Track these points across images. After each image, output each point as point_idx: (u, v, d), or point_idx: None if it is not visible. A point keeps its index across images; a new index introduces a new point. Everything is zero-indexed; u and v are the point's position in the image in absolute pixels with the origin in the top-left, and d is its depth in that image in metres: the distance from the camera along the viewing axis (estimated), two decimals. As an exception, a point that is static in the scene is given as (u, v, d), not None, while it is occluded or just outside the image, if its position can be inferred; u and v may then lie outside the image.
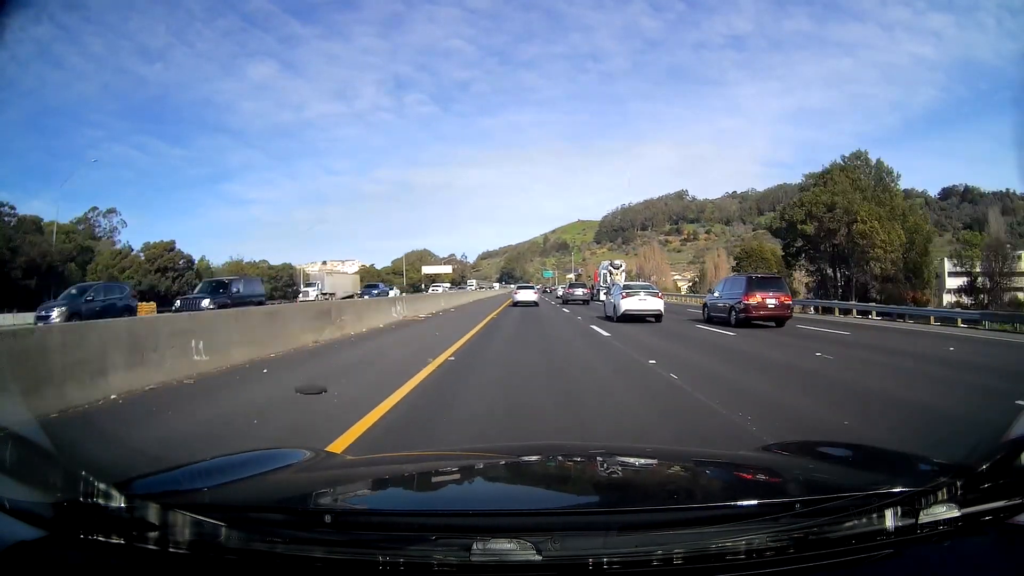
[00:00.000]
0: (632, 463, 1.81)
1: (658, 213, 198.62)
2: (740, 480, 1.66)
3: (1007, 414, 5.22)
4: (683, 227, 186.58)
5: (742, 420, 5.01)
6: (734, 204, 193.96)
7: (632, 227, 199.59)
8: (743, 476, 1.68)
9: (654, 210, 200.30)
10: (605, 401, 6.10)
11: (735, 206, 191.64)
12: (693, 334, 14.71)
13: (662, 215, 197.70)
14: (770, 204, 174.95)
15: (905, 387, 7.07)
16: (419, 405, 5.72)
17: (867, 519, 1.06)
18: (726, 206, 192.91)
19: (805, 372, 8.29)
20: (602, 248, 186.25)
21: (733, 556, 1.01)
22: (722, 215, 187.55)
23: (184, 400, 5.98)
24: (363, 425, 4.78)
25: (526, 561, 0.96)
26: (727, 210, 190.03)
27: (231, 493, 1.38)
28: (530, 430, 4.86)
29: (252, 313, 11.30)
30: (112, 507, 1.05)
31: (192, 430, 4.75)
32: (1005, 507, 1.10)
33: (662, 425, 5.08)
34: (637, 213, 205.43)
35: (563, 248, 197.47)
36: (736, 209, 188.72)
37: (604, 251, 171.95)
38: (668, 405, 5.86)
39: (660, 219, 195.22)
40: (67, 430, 4.71)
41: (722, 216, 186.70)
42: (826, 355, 10.02)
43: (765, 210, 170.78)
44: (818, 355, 10.03)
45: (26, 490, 1.11)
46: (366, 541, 1.05)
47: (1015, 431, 1.29)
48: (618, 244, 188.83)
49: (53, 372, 5.35)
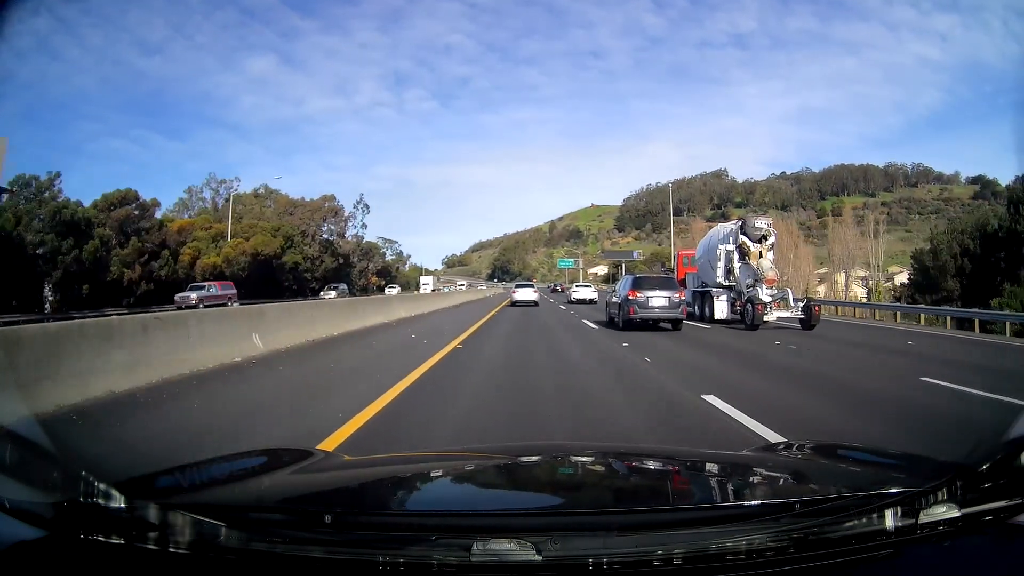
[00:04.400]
0: (632, 463, 1.81)
1: (695, 194, 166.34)
2: (740, 480, 1.66)
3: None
4: (730, 212, 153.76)
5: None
6: (784, 184, 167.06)
7: (663, 211, 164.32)
8: (743, 476, 1.68)
9: (690, 190, 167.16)
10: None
11: (790, 188, 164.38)
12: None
13: (701, 196, 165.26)
14: (833, 186, 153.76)
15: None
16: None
17: (867, 519, 1.06)
18: (779, 187, 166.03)
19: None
20: (625, 237, 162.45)
21: (733, 556, 1.01)
22: (775, 198, 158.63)
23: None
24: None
25: (526, 561, 0.96)
26: (782, 192, 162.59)
27: (231, 493, 1.38)
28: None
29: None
30: (112, 507, 1.05)
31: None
32: (1005, 507, 1.10)
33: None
34: (667, 194, 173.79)
35: (575, 236, 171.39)
36: (793, 192, 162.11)
37: (629, 240, 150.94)
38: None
39: (699, 201, 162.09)
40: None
41: (775, 200, 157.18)
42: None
43: (827, 193, 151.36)
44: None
45: (26, 490, 1.11)
46: (366, 541, 1.05)
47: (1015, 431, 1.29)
48: (647, 232, 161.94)
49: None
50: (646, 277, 16.28)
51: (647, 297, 14.03)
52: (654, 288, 14.33)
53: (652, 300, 14.03)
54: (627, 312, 14.16)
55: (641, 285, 14.43)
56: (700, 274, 19.65)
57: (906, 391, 7.00)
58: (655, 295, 14.08)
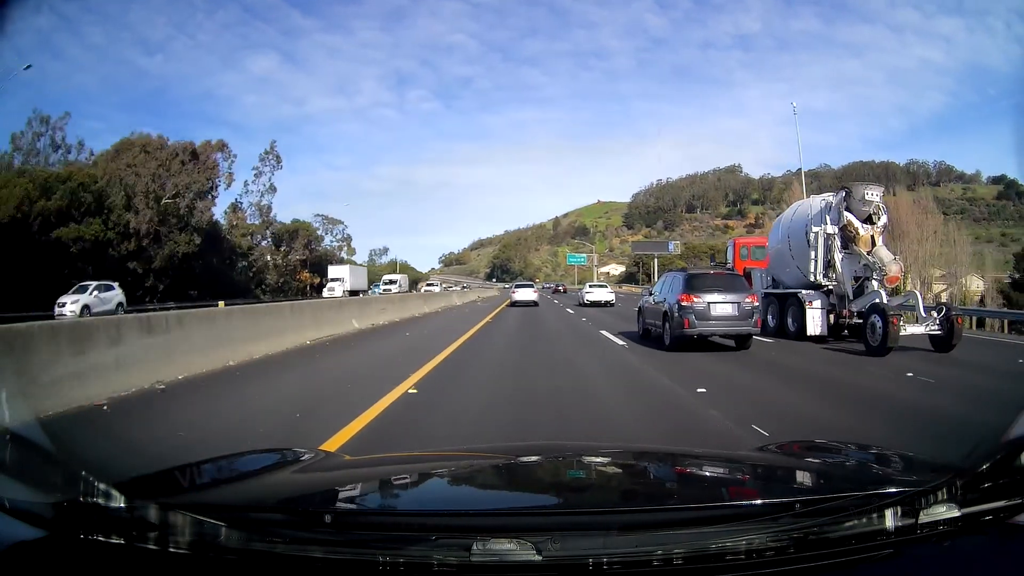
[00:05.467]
0: (632, 463, 1.81)
1: (709, 190, 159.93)
2: (740, 480, 1.66)
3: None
4: (747, 209, 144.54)
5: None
6: (801, 181, 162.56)
7: (675, 207, 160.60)
8: (743, 476, 1.68)
9: (703, 186, 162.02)
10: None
11: (810, 185, 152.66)
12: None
13: (715, 192, 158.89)
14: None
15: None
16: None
17: (867, 519, 1.06)
18: (798, 184, 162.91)
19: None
20: (635, 235, 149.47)
21: (733, 556, 1.01)
22: (795, 196, 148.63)
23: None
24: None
25: (526, 561, 0.96)
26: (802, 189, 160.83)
27: (231, 493, 1.38)
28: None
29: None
30: (112, 507, 1.05)
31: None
32: (1005, 507, 1.10)
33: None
34: (680, 190, 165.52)
35: (581, 233, 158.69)
36: (814, 189, 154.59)
37: (639, 238, 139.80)
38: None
39: (713, 198, 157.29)
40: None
41: (795, 198, 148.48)
42: None
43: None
44: None
45: (26, 490, 1.11)
46: (366, 541, 1.05)
47: (1015, 431, 1.29)
48: (658, 229, 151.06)
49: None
50: (704, 274, 11.28)
51: (708, 304, 10.04)
52: (717, 290, 10.24)
53: (716, 308, 10.06)
54: (679, 324, 10.11)
55: (698, 286, 10.31)
56: (774, 269, 14.16)
57: None
58: (719, 300, 10.06)
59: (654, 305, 11.54)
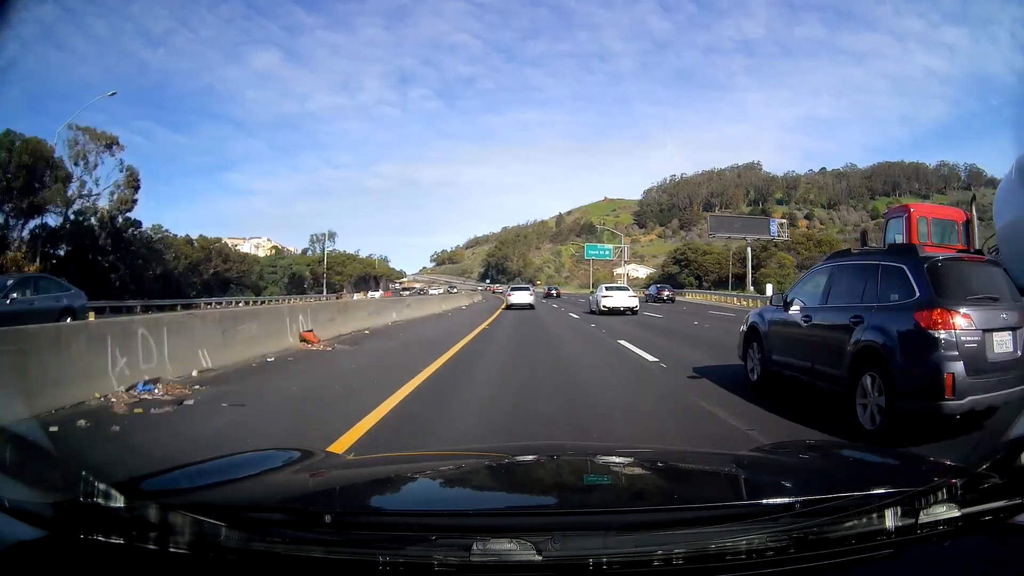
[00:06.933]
0: (632, 463, 1.80)
1: (728, 187, 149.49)
2: (740, 480, 1.66)
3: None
4: (771, 208, 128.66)
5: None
6: (830, 180, 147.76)
7: (691, 205, 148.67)
8: (743, 476, 1.68)
9: (721, 183, 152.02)
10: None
11: (837, 185, 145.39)
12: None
13: (736, 190, 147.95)
14: (883, 186, 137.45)
15: None
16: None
17: (867, 519, 1.06)
18: (824, 183, 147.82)
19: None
20: (648, 234, 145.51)
21: (733, 556, 1.01)
22: (821, 195, 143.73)
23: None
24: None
25: (526, 561, 0.96)
26: (828, 189, 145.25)
27: (231, 493, 1.38)
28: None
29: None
30: (112, 507, 1.05)
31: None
32: (1005, 507, 1.10)
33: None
34: (696, 187, 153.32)
35: (588, 231, 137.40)
36: (840, 189, 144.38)
37: (652, 238, 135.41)
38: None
39: (733, 195, 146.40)
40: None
41: (821, 197, 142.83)
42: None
43: (877, 193, 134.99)
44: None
45: (26, 490, 1.11)
46: (366, 541, 1.05)
47: (1015, 431, 1.29)
48: (673, 228, 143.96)
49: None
50: (958, 262, 5.16)
51: (984, 333, 4.30)
52: (989, 300, 4.58)
53: (998, 341, 4.36)
54: (927, 380, 4.22)
55: (959, 288, 4.61)
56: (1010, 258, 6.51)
57: None
58: (1004, 325, 4.43)
59: (799, 328, 5.81)
